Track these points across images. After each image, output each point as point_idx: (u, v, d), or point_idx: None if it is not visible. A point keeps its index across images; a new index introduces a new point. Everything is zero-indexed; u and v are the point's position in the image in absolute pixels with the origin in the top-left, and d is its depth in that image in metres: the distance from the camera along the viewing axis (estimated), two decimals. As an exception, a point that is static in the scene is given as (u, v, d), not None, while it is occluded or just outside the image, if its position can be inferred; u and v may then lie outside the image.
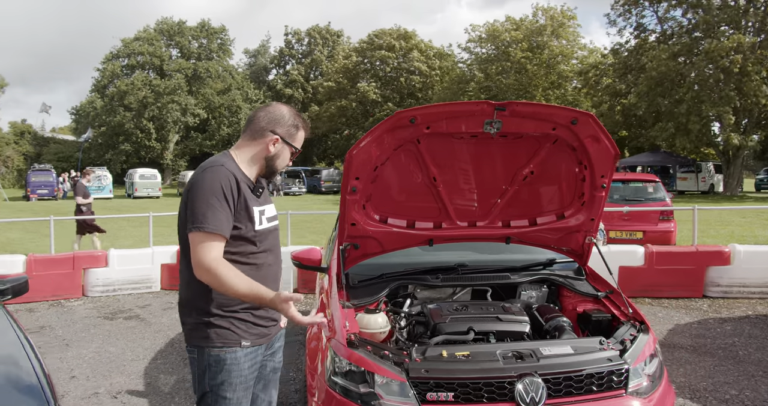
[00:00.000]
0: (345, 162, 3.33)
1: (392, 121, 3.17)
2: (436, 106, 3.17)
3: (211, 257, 2.33)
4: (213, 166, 2.47)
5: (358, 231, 3.66)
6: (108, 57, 55.99)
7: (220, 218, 2.36)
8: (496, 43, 44.44)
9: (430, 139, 3.35)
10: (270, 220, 2.65)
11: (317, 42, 63.15)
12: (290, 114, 2.67)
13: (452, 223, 3.81)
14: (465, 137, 3.37)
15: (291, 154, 2.69)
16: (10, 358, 3.11)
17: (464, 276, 3.90)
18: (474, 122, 3.23)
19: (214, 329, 2.47)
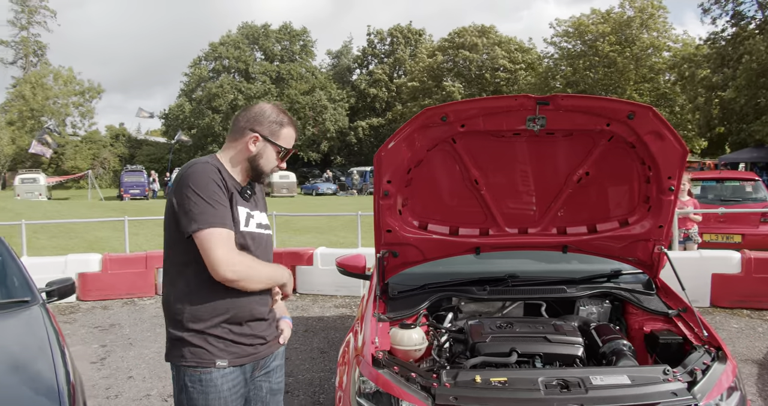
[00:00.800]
0: (374, 163, 3.07)
1: (421, 120, 2.88)
2: (470, 101, 2.86)
3: (234, 252, 2.24)
4: (198, 163, 2.33)
5: (396, 238, 3.38)
6: (195, 61, 58.11)
7: (223, 213, 2.25)
8: (583, 38, 42.82)
9: (467, 138, 3.04)
10: (260, 226, 2.47)
11: (399, 41, 63.06)
12: (272, 111, 2.47)
13: (500, 229, 3.47)
14: (507, 135, 3.04)
15: (277, 153, 2.47)
16: (33, 364, 3.13)
17: (515, 288, 3.54)
18: (514, 118, 2.90)
19: (188, 347, 2.30)
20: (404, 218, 3.34)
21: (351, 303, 8.64)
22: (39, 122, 53.56)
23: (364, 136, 60.24)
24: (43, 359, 3.16)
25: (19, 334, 3.51)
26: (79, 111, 59.00)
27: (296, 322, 7.56)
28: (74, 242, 16.24)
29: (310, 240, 16.20)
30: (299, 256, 9.38)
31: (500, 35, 52.57)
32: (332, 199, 37.58)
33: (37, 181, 39.34)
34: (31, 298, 3.90)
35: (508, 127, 2.93)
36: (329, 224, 20.70)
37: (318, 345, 6.57)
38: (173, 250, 2.36)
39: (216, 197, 2.24)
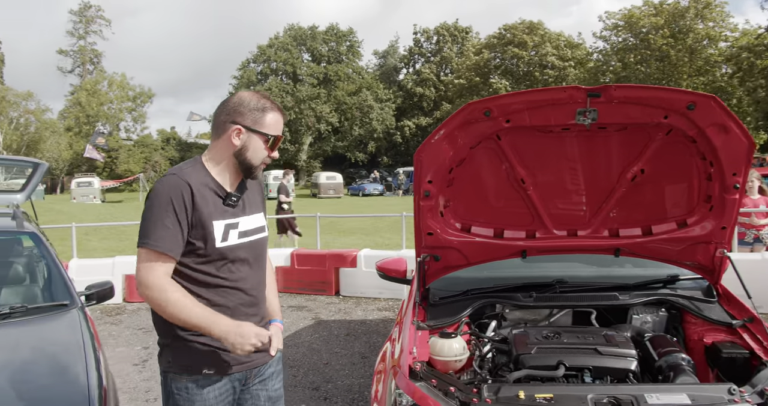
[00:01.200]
0: (414, 162, 2.91)
1: (463, 115, 2.70)
2: (515, 94, 2.66)
3: (154, 276, 2.09)
4: (165, 176, 2.20)
5: (437, 241, 3.20)
6: (243, 64, 58.95)
7: (166, 235, 2.10)
8: (634, 31, 41.63)
9: (513, 134, 2.84)
10: (244, 235, 2.29)
11: (446, 39, 62.65)
12: (252, 98, 2.27)
13: (548, 232, 3.25)
14: (555, 131, 2.83)
15: (266, 142, 2.27)
16: (65, 368, 3.16)
17: (563, 295, 3.30)
18: (563, 112, 2.69)
19: (173, 354, 2.23)
20: (446, 220, 3.16)
21: (394, 306, 8.50)
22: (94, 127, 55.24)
23: (411, 135, 60.08)
24: (76, 362, 3.18)
25: (54, 337, 3.52)
26: (131, 116, 60.71)
27: (338, 325, 7.47)
28: (124, 244, 16.56)
29: (355, 242, 16.14)
30: (343, 258, 9.30)
31: (549, 31, 51.63)
32: (379, 200, 37.52)
33: (91, 185, 40.65)
34: (70, 301, 3.90)
35: (557, 121, 2.72)
36: (375, 225, 20.62)
37: (359, 350, 6.43)
38: None
39: (164, 218, 2.11)
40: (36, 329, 3.57)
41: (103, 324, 7.95)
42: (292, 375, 5.64)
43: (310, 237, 16.67)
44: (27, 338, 3.46)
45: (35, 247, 4.50)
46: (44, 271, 4.34)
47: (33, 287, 4.28)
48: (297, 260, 9.51)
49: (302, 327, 7.46)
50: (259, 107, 2.25)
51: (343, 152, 58.52)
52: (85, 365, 3.15)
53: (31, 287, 4.29)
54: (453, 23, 63.37)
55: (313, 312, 8.24)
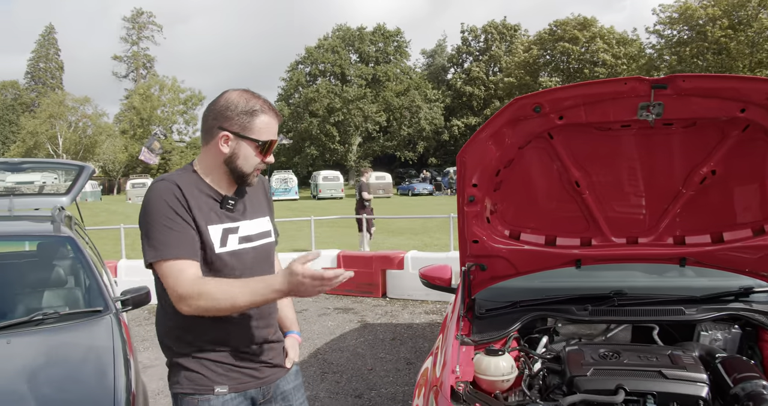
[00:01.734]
0: (457, 164, 2.67)
1: (510, 112, 2.45)
2: (568, 88, 2.40)
3: (187, 282, 1.89)
4: (154, 184, 2.04)
5: (483, 249, 2.96)
6: (292, 66, 59.49)
7: (178, 237, 1.94)
8: (690, 23, 40.13)
9: (567, 132, 2.58)
10: (245, 240, 2.12)
11: (494, 38, 61.90)
12: (240, 99, 2.05)
13: (605, 239, 2.96)
14: (614, 128, 2.55)
15: (257, 148, 2.06)
16: (93, 375, 3.15)
17: (622, 308, 2.98)
18: (624, 107, 2.41)
19: (184, 373, 2.07)
20: (493, 227, 2.92)
21: (441, 309, 8.26)
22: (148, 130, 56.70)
23: (460, 135, 59.55)
24: (104, 367, 3.16)
25: (85, 343, 3.48)
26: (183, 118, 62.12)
27: (384, 329, 7.28)
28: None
29: (403, 242, 15.93)
30: (389, 259, 9.11)
31: (601, 27, 50.34)
32: (428, 200, 37.24)
33: (146, 186, 41.66)
34: (104, 307, 3.83)
35: (616, 117, 2.45)
36: (424, 224, 20.39)
37: (405, 355, 6.22)
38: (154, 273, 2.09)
39: (170, 223, 1.95)
40: (67, 335, 3.52)
41: (149, 325, 7.96)
42: (335, 382, 5.48)
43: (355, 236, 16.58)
44: (57, 345, 3.41)
45: (71, 252, 4.45)
46: (79, 277, 4.29)
47: (67, 293, 4.23)
48: (343, 261, 9.37)
49: (348, 330, 7.30)
50: (247, 110, 2.04)
51: (392, 152, 58.47)
52: (113, 372, 3.11)
53: (65, 293, 4.24)
54: (501, 21, 62.58)
55: (359, 314, 8.07)
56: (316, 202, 38.51)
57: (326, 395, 5.16)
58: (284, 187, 39.97)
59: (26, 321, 3.52)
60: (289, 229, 18.59)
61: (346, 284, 9.24)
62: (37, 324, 3.51)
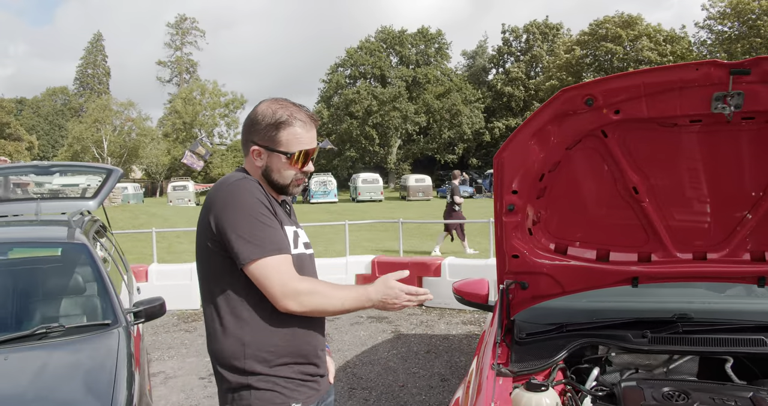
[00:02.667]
0: (494, 168, 2.30)
1: (557, 105, 2.07)
2: (626, 75, 2.01)
3: (299, 278, 1.89)
4: (238, 180, 1.94)
5: (525, 265, 2.56)
6: (333, 68, 59.54)
7: (280, 236, 1.92)
8: (742, 18, 38.58)
9: (624, 129, 2.18)
10: (306, 246, 2.10)
11: (536, 38, 60.88)
12: (268, 110, 1.98)
13: (667, 254, 2.53)
14: (681, 124, 2.14)
15: (287, 160, 1.98)
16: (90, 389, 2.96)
17: (687, 336, 2.53)
18: (694, 98, 2.01)
19: (255, 393, 1.91)
20: (536, 239, 2.51)
21: (480, 319, 7.84)
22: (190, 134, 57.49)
23: (501, 136, 58.71)
24: (103, 387, 2.94)
25: (86, 361, 3.24)
26: (225, 121, 62.82)
27: (419, 340, 6.90)
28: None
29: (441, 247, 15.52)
30: (426, 266, 8.72)
31: (647, 25, 48.89)
32: (468, 202, 36.56)
33: (186, 188, 42.30)
34: (113, 320, 3.58)
35: (684, 111, 2.04)
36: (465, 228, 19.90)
37: (439, 370, 5.83)
38: (218, 281, 1.96)
39: (266, 220, 1.89)
40: (69, 351, 3.29)
41: (178, 332, 7.76)
42: (363, 399, 5.13)
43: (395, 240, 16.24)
44: (56, 362, 3.19)
45: (84, 260, 4.20)
46: (90, 287, 4.03)
47: (76, 305, 3.99)
48: (378, 267, 9.04)
49: (380, 341, 6.94)
50: (273, 122, 1.97)
51: (432, 154, 58.02)
52: (113, 387, 2.91)
53: (73, 304, 4.00)
54: (543, 21, 61.51)
55: (393, 324, 7.71)
56: (356, 204, 38.29)
57: (353, 414, 4.81)
58: (323, 190, 39.94)
59: (28, 335, 3.30)
60: (328, 232, 18.37)
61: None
62: (40, 338, 3.29)
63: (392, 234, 18.59)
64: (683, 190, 2.38)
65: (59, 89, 77.98)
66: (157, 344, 7.17)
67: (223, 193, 1.92)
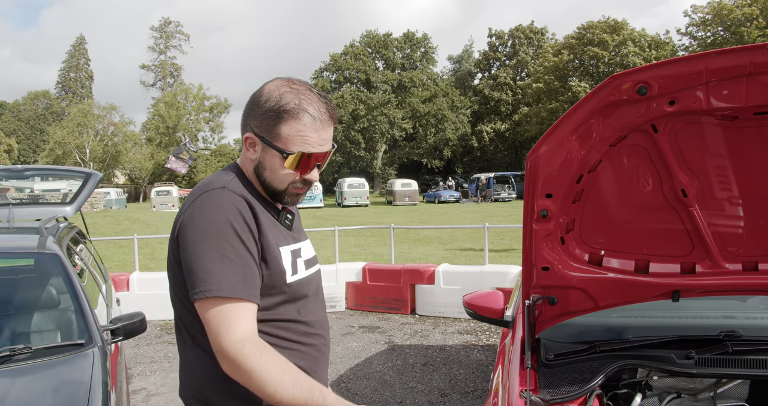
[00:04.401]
0: (527, 169, 2.00)
1: (605, 94, 1.78)
2: (686, 59, 1.72)
3: (236, 338, 1.44)
4: (213, 189, 1.54)
5: (555, 278, 2.27)
6: (317, 73, 59.19)
7: (243, 275, 1.48)
8: (725, 24, 38.84)
9: (677, 123, 1.89)
10: (309, 264, 1.71)
11: (521, 42, 60.99)
12: (275, 92, 1.55)
13: (715, 264, 2.25)
14: (744, 116, 1.86)
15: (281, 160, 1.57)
16: None
17: (738, 357, 2.25)
18: (762, 86, 1.73)
19: None
20: (568, 249, 2.22)
21: (476, 329, 7.56)
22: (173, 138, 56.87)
23: (488, 141, 58.66)
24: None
25: (58, 384, 2.92)
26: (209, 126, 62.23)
27: (414, 352, 6.59)
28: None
29: (431, 252, 15.28)
30: (419, 274, 8.43)
31: (632, 30, 49.11)
32: (455, 207, 36.49)
33: (170, 194, 41.68)
34: (87, 340, 3.24)
35: (750, 101, 1.76)
36: (452, 233, 19.73)
37: (438, 385, 5.53)
38: (185, 307, 1.60)
39: (227, 250, 1.48)
40: (37, 376, 2.92)
41: (161, 344, 7.39)
42: (361, 418, 4.80)
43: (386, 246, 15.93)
44: (21, 389, 2.82)
45: (55, 273, 3.82)
46: (62, 302, 3.67)
47: (46, 322, 3.61)
48: (369, 275, 8.73)
49: (374, 353, 6.62)
50: (275, 108, 1.55)
51: (418, 159, 57.81)
52: None
53: (43, 322, 3.62)
54: (528, 25, 61.65)
55: (387, 334, 7.40)
56: (341, 209, 37.95)
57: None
58: (309, 195, 39.50)
59: None
60: (314, 238, 18.02)
61: (372, 300, 8.60)
62: (2, 362, 2.93)
63: (380, 240, 18.30)
64: (737, 193, 2.10)
65: (41, 93, 76.91)
66: (139, 357, 6.79)
67: (193, 205, 1.56)
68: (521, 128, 54.70)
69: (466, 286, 8.12)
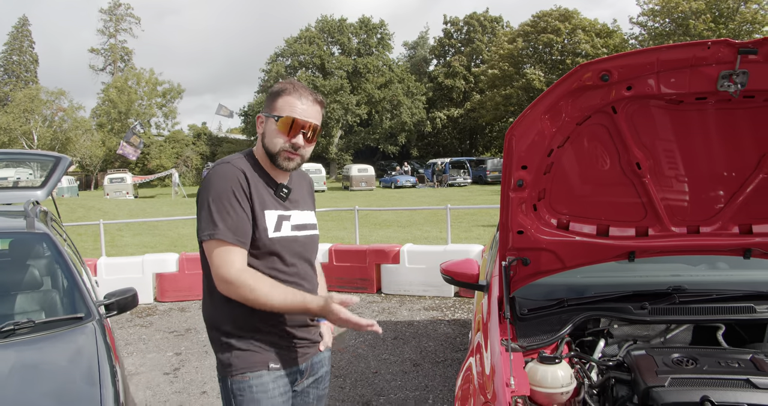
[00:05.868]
0: (505, 144, 2.31)
1: (573, 80, 2.09)
2: (641, 52, 2.04)
3: (234, 268, 2.02)
4: (219, 165, 2.15)
5: (528, 241, 2.59)
6: (272, 58, 58.64)
7: (235, 223, 2.05)
8: (672, 16, 40.13)
9: (633, 105, 2.22)
10: (297, 228, 2.23)
11: (476, 29, 61.58)
12: (277, 85, 2.21)
13: (663, 228, 2.61)
14: (687, 101, 2.20)
15: (276, 124, 2.13)
16: (77, 389, 2.76)
17: (684, 306, 2.65)
18: (703, 76, 2.06)
19: (234, 353, 2.14)
20: (540, 215, 2.54)
21: (441, 305, 7.92)
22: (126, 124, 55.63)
23: (442, 127, 59.23)
24: (90, 382, 2.76)
25: (67, 356, 3.02)
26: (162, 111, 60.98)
27: (384, 327, 6.89)
28: (157, 239, 16.28)
29: (392, 234, 15.61)
30: (384, 253, 8.73)
31: (583, 19, 50.23)
32: (411, 192, 36.91)
33: (124, 181, 40.87)
34: (86, 313, 3.36)
35: (693, 88, 2.09)
36: (411, 217, 20.09)
37: (410, 356, 5.86)
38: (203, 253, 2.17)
39: (227, 206, 2.05)
40: (45, 347, 3.04)
41: (133, 327, 7.53)
42: (339, 387, 5.11)
43: (346, 230, 16.20)
44: (34, 359, 2.93)
45: (47, 250, 3.96)
46: (57, 279, 3.80)
47: (43, 298, 3.73)
48: (335, 255, 8.99)
49: (344, 330, 6.91)
50: (275, 91, 2.18)
51: (374, 145, 58.01)
52: (99, 384, 2.73)
53: (41, 297, 3.74)
54: (483, 13, 62.25)
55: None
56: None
57: (331, 402, 4.78)
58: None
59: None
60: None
61: (338, 280, 8.84)
62: (7, 336, 3.03)
63: (340, 224, 18.57)
64: (682, 166, 2.45)
65: (-18, 77, 74.05)
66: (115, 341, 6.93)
67: (207, 175, 2.12)
68: (475, 114, 55.43)
69: (430, 265, 8.47)
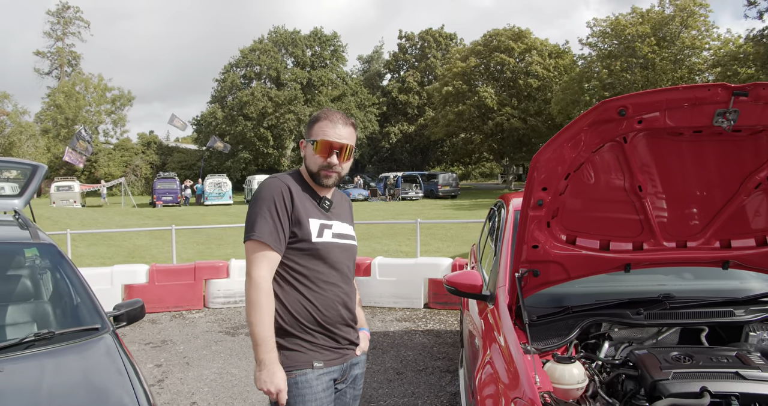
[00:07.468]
0: (530, 168, 2.60)
1: (595, 115, 2.40)
2: (653, 92, 2.38)
3: (262, 271, 2.34)
4: (267, 179, 2.52)
5: (540, 255, 2.90)
6: (227, 68, 58.28)
7: (269, 229, 2.35)
8: (620, 38, 41.88)
9: (641, 136, 2.55)
10: (338, 236, 2.53)
11: (431, 45, 62.69)
12: (314, 114, 2.60)
13: (656, 243, 2.96)
14: (686, 133, 2.55)
15: (312, 147, 2.50)
16: (115, 388, 2.88)
17: (674, 311, 3.02)
18: (701, 113, 2.41)
19: (282, 352, 2.38)
20: (552, 232, 2.85)
21: (413, 316, 8.18)
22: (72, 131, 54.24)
23: (396, 141, 59.87)
24: (123, 389, 2.85)
25: (92, 365, 3.07)
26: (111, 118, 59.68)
27: (362, 337, 7.10)
28: (113, 250, 16.04)
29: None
30: (356, 266, 8.91)
31: (535, 39, 51.79)
32: (364, 205, 37.20)
33: (72, 189, 39.73)
34: (101, 324, 3.40)
35: (692, 123, 2.44)
36: (368, 230, 20.31)
37: (392, 365, 6.10)
38: None
39: (266, 213, 2.37)
40: (69, 357, 3.05)
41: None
42: (327, 393, 5.29)
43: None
44: (61, 369, 2.94)
45: (56, 261, 3.96)
46: (68, 290, 3.79)
47: (57, 310, 3.73)
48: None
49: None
50: (311, 120, 2.55)
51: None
52: (132, 389, 2.83)
53: (54, 309, 3.74)
54: (438, 30, 63.44)
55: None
56: (252, 207, 37.65)
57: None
58: (218, 192, 39.09)
59: (15, 344, 3.04)
60: (231, 235, 18.16)
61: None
62: (27, 347, 3.04)
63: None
64: (676, 188, 2.80)
65: None
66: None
67: (257, 187, 2.46)
68: (427, 131, 56.22)
69: (401, 277, 8.74)
